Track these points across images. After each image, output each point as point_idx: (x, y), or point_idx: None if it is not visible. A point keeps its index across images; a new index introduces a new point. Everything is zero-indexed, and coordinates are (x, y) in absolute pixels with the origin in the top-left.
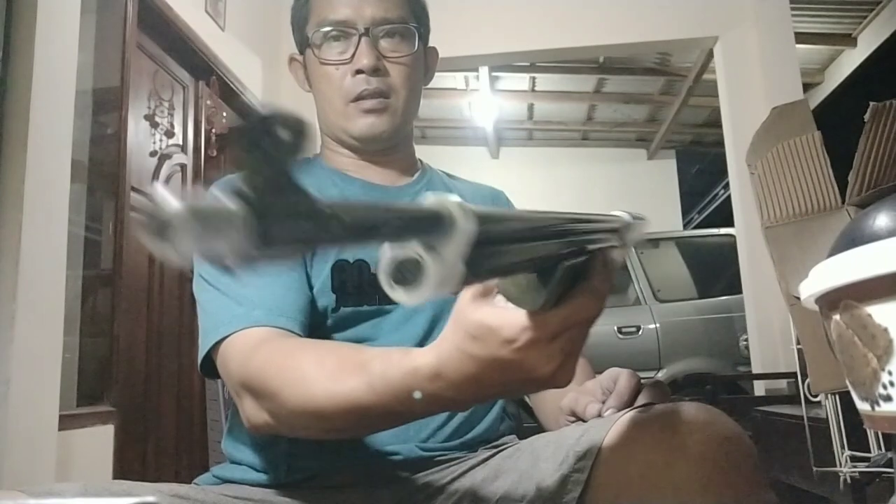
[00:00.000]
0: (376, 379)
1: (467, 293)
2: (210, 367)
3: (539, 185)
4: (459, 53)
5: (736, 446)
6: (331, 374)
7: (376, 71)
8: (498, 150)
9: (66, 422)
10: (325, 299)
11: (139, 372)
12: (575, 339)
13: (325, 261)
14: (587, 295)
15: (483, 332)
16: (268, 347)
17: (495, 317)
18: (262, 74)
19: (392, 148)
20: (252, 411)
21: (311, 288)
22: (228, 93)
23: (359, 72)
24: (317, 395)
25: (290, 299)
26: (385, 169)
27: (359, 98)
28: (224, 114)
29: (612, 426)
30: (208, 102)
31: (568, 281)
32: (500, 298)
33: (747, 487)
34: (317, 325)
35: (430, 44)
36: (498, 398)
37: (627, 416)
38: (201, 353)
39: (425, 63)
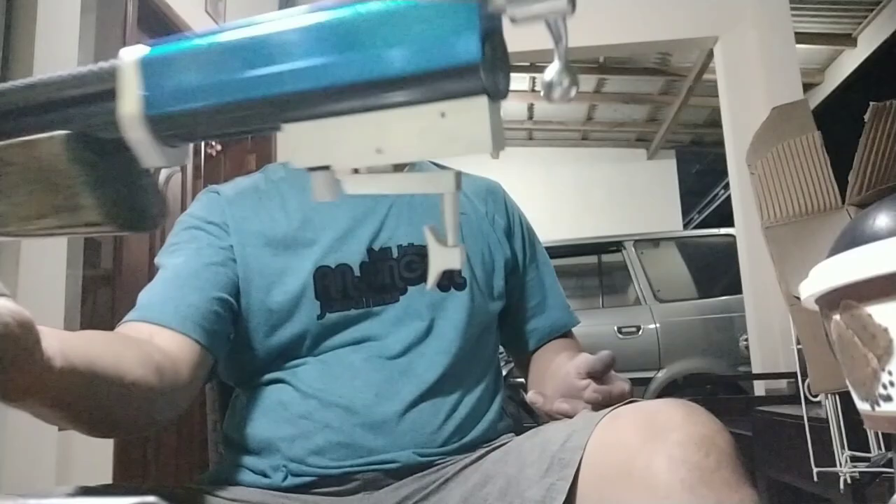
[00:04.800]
0: None
1: None
2: None
3: (539, 185)
4: None
5: (715, 444)
6: None
7: None
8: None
9: None
10: (309, 308)
11: None
12: None
13: (301, 269)
14: None
15: None
16: None
17: None
18: None
19: None
20: None
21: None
22: None
23: None
24: None
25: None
26: None
27: None
28: None
29: (593, 430)
30: None
31: None
32: None
33: (727, 486)
34: (303, 334)
35: None
36: None
37: (608, 417)
38: None
39: None
